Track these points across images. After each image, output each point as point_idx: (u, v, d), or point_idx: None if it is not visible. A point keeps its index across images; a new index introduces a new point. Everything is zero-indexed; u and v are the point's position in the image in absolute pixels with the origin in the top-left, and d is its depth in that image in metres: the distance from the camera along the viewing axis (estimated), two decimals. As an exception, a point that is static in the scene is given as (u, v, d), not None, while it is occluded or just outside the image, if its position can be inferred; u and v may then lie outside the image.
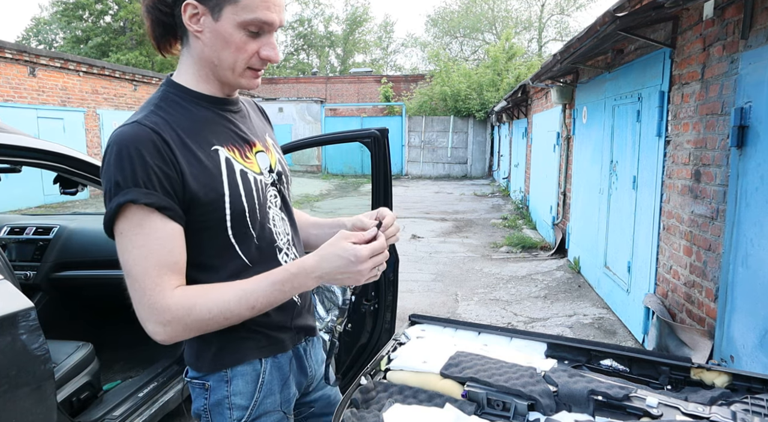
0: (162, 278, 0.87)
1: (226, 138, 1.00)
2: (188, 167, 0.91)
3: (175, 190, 0.89)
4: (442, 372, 1.06)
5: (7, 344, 1.35)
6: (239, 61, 0.94)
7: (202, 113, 0.98)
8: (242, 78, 0.97)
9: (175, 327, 0.88)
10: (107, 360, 2.63)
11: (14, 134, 1.74)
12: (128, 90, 14.37)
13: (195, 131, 0.95)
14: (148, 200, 0.85)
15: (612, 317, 4.35)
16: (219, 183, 0.94)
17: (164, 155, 0.88)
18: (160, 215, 0.87)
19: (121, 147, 0.86)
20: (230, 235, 0.97)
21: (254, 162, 1.03)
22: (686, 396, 1.01)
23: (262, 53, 0.94)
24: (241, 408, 1.02)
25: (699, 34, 3.00)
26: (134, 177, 0.85)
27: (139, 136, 0.87)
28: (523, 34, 31.41)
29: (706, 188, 2.87)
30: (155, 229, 0.87)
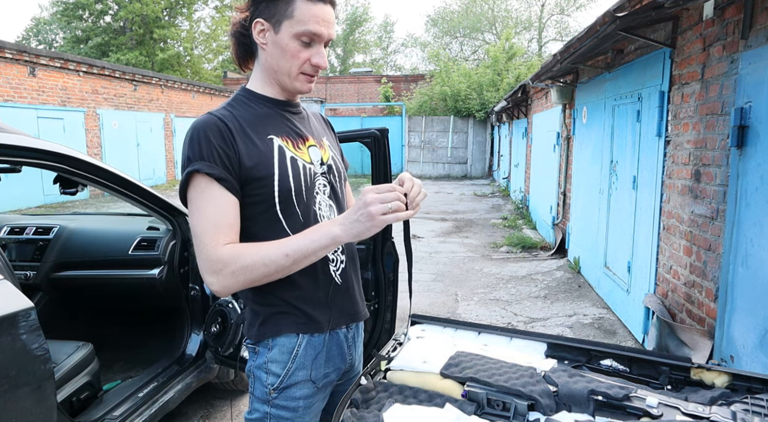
0: (217, 235, 1.04)
1: (282, 131, 1.18)
2: (245, 148, 1.09)
3: (233, 166, 1.07)
4: (442, 372, 1.06)
5: (7, 344, 1.35)
6: (294, 67, 1.13)
7: (263, 110, 1.18)
8: (297, 82, 1.16)
9: (225, 274, 1.03)
10: (107, 360, 2.63)
11: (14, 134, 1.74)
12: (128, 90, 14.37)
13: (255, 123, 1.15)
14: (210, 170, 1.04)
15: (612, 317, 4.35)
16: (270, 164, 1.12)
17: (226, 138, 1.07)
18: (218, 185, 1.05)
19: (194, 130, 1.08)
20: (278, 210, 1.13)
21: (305, 153, 1.20)
22: (686, 396, 1.01)
23: (313, 61, 1.13)
24: (275, 374, 1.17)
25: (699, 34, 3.00)
26: (200, 153, 1.05)
27: (208, 122, 1.08)
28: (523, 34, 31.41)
29: (706, 188, 2.87)
30: (214, 196, 1.06)
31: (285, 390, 1.17)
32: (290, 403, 1.18)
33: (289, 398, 1.18)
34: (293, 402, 1.18)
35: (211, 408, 2.86)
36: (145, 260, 2.64)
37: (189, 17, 27.26)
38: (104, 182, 2.10)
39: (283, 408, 1.18)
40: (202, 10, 38.82)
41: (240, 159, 1.08)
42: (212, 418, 2.78)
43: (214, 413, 2.82)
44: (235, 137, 1.09)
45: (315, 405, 1.23)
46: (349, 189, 1.42)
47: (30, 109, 11.14)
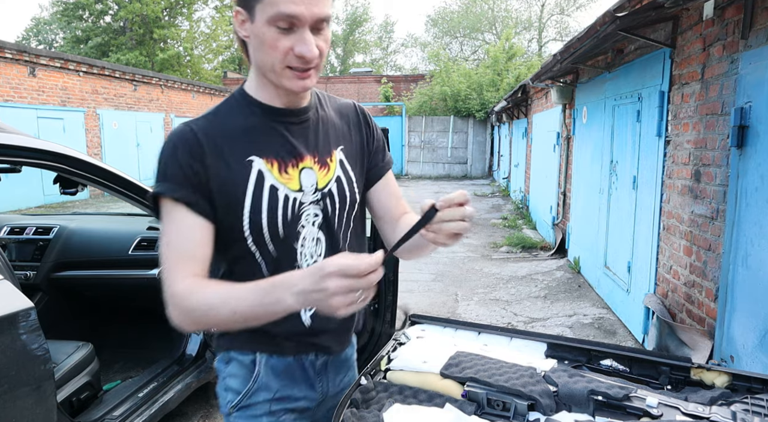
0: (178, 266, 0.91)
1: (269, 149, 0.99)
2: (215, 170, 0.95)
3: (202, 187, 0.94)
4: (442, 372, 1.06)
5: (7, 344, 1.35)
6: (276, 61, 0.91)
7: (252, 120, 1.00)
8: (283, 78, 0.93)
9: (179, 313, 0.90)
10: (107, 360, 2.63)
11: (14, 134, 1.74)
12: (128, 90, 14.37)
13: (236, 138, 0.98)
14: (175, 193, 0.92)
15: (612, 317, 4.35)
16: (241, 192, 0.96)
17: (195, 154, 0.93)
18: (185, 209, 0.92)
19: (164, 144, 0.95)
20: (249, 243, 0.99)
21: (294, 178, 1.00)
22: (686, 396, 1.01)
23: (295, 50, 0.89)
24: (234, 391, 1.06)
25: (699, 34, 3.00)
26: (165, 172, 0.93)
27: (179, 135, 0.95)
28: (523, 34, 31.42)
29: (706, 188, 2.87)
30: (178, 221, 0.93)
31: (244, 410, 1.06)
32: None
33: (248, 416, 1.06)
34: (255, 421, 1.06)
35: (211, 408, 2.86)
36: (145, 260, 2.64)
37: (189, 17, 27.26)
38: (104, 182, 2.10)
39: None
40: (202, 10, 38.86)
41: (209, 182, 0.94)
42: (212, 418, 2.78)
43: (214, 413, 2.82)
44: (205, 155, 0.94)
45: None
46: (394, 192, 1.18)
47: (30, 109, 11.14)
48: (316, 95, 1.10)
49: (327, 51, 0.94)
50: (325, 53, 0.93)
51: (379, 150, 1.17)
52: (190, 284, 0.90)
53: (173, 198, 0.92)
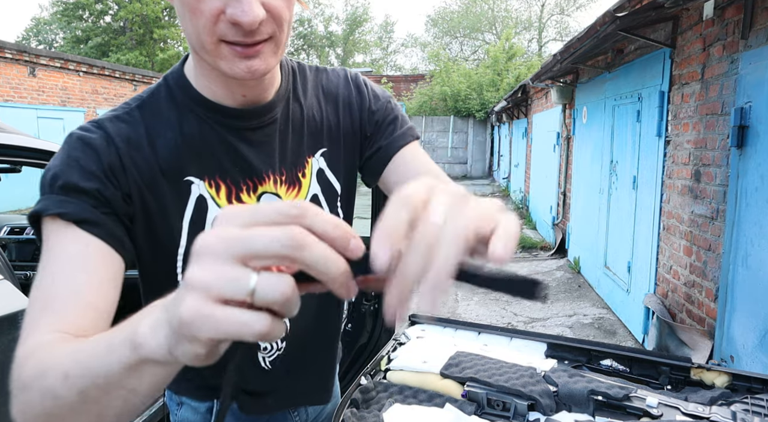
0: (42, 318, 0.58)
1: (214, 168, 0.70)
2: (138, 195, 0.66)
3: (113, 209, 0.63)
4: (442, 372, 1.06)
5: (7, 344, 1.35)
6: (202, 32, 0.59)
7: (191, 125, 0.69)
8: (219, 60, 0.61)
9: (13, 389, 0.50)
10: (107, 360, 2.62)
11: (14, 133, 1.74)
12: (128, 90, 14.38)
13: (168, 150, 0.68)
14: (62, 209, 0.58)
15: (612, 317, 4.35)
16: (176, 228, 0.69)
17: (108, 169, 0.63)
18: (79, 230, 0.59)
19: (63, 147, 0.64)
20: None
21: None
22: (686, 396, 1.01)
23: (228, 12, 0.57)
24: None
25: (699, 34, 3.00)
26: (55, 183, 0.61)
27: (84, 140, 0.64)
28: (523, 34, 31.42)
29: (706, 188, 2.87)
30: (65, 245, 0.58)
31: None
32: None
33: None
34: None
35: (211, 408, 2.86)
36: (145, 260, 2.63)
37: (189, 17, 27.24)
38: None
39: None
40: (202, 10, 38.81)
41: (125, 207, 0.65)
42: (212, 418, 2.78)
43: (214, 413, 2.82)
44: (126, 170, 0.65)
45: None
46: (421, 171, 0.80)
47: (30, 109, 11.14)
48: (290, 76, 0.78)
49: (289, 14, 0.62)
50: (284, 16, 0.60)
51: (385, 123, 0.83)
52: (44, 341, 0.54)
53: (58, 216, 0.58)
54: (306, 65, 0.82)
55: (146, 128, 0.68)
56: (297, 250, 0.31)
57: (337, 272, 0.32)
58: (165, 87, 0.71)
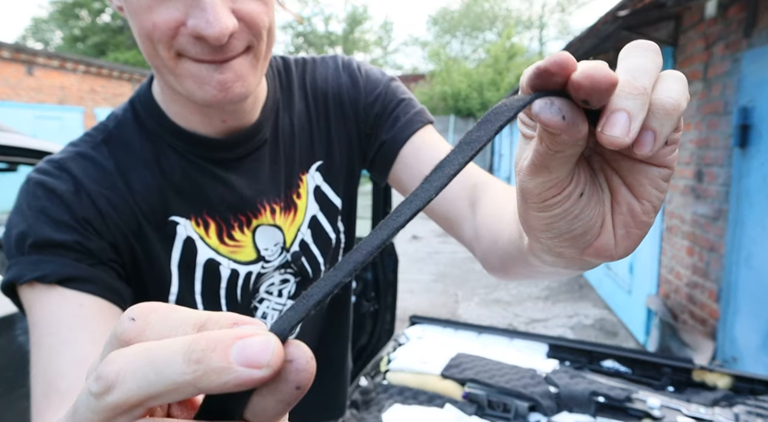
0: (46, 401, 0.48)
1: (200, 205, 0.61)
2: (126, 246, 0.58)
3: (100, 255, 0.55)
4: (442, 373, 1.05)
5: (6, 344, 1.35)
6: (158, 47, 0.50)
7: (167, 161, 0.60)
8: (184, 78, 0.52)
9: None
10: (107, 359, 2.62)
11: (11, 133, 1.73)
12: (126, 89, 14.38)
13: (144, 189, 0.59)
14: (38, 272, 0.51)
15: (613, 318, 4.34)
16: (166, 272, 0.61)
17: (81, 220, 0.55)
18: (61, 291, 0.51)
19: (22, 201, 0.58)
20: None
21: (245, 245, 0.64)
22: (688, 397, 1.00)
23: (189, 23, 0.48)
24: None
25: (701, 33, 2.99)
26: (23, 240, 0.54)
27: (45, 190, 0.57)
28: (524, 33, 31.42)
29: (709, 188, 2.86)
30: (50, 315, 0.51)
31: None
32: None
33: None
34: None
35: (211, 408, 2.86)
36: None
37: (189, 17, 27.29)
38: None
39: None
40: (202, 10, 38.85)
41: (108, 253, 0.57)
42: (212, 418, 2.78)
43: (214, 413, 2.82)
44: (106, 223, 0.57)
45: None
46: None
47: (27, 108, 11.15)
48: (277, 81, 0.68)
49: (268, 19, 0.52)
50: (261, 23, 0.51)
51: (386, 113, 0.70)
52: None
53: (36, 280, 0.51)
54: (291, 60, 0.71)
55: (116, 164, 0.58)
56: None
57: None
58: (132, 115, 0.61)
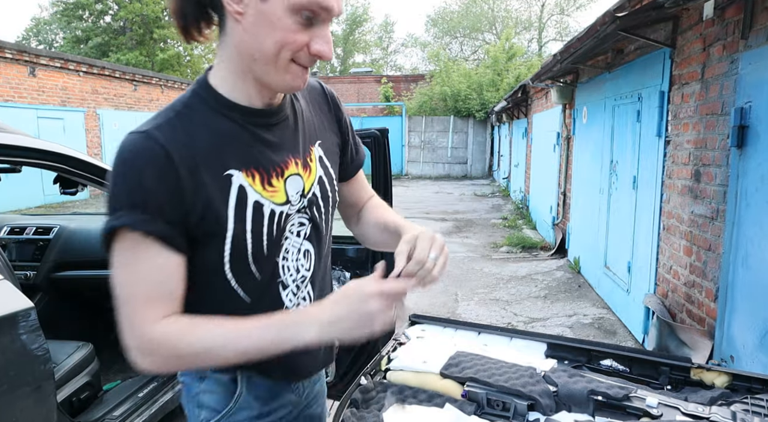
0: (150, 308, 0.78)
1: (248, 159, 0.84)
2: (192, 194, 0.78)
3: (175, 216, 0.78)
4: (442, 372, 1.06)
5: (7, 344, 1.35)
6: (284, 53, 0.76)
7: (226, 126, 0.83)
8: (286, 73, 0.79)
9: (157, 358, 0.79)
10: (107, 360, 2.62)
11: (14, 133, 1.74)
12: (128, 90, 14.38)
13: (211, 149, 0.81)
14: (145, 228, 0.75)
15: (612, 317, 4.35)
16: (223, 215, 0.81)
17: (167, 178, 0.76)
18: (156, 243, 0.76)
19: (122, 160, 0.76)
20: (227, 270, 0.85)
21: (279, 190, 0.87)
22: (686, 396, 1.01)
23: (313, 47, 0.77)
24: (210, 409, 0.94)
25: (699, 34, 3.00)
26: (130, 198, 0.75)
27: (144, 151, 0.76)
28: (523, 34, 31.42)
29: (707, 188, 2.87)
30: (149, 258, 0.77)
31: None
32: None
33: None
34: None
35: (211, 408, 2.86)
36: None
37: (189, 17, 27.23)
38: (104, 182, 2.10)
39: None
40: (202, 10, 38.78)
41: (185, 206, 0.78)
42: (212, 418, 2.78)
43: (214, 413, 2.82)
44: (180, 177, 0.77)
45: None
46: (364, 182, 1.14)
47: (30, 109, 11.14)
48: None
49: None
50: None
51: (352, 139, 1.07)
52: (170, 326, 0.78)
53: (145, 232, 0.75)
54: None
55: (186, 132, 0.80)
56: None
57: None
58: (196, 97, 0.84)
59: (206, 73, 0.86)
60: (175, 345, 0.78)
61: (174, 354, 0.78)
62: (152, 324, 0.77)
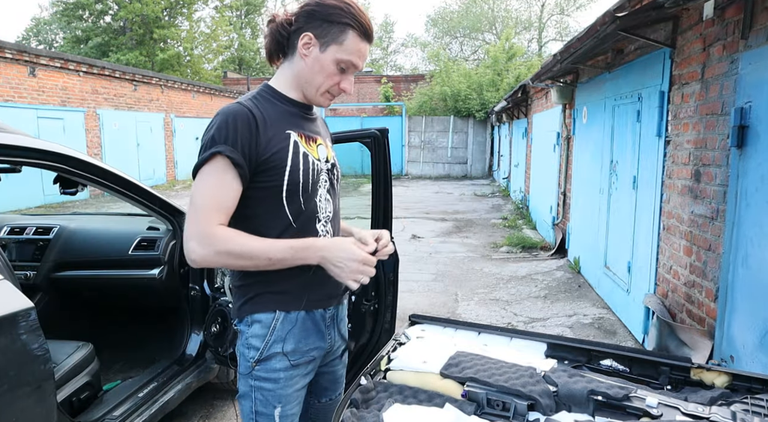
0: (217, 213, 1.16)
1: (298, 128, 1.29)
2: (265, 140, 1.20)
3: (250, 158, 1.18)
4: (442, 372, 1.06)
5: (7, 344, 1.35)
6: (324, 85, 1.25)
7: (284, 108, 1.28)
8: (321, 97, 1.28)
9: (210, 249, 1.14)
10: (107, 360, 2.63)
11: (14, 134, 1.74)
12: (128, 90, 14.37)
13: (276, 118, 1.24)
14: (232, 155, 1.15)
15: (612, 317, 4.35)
16: (285, 156, 1.22)
17: (251, 130, 1.18)
18: (234, 171, 1.16)
19: (225, 116, 1.17)
20: (284, 197, 1.23)
21: (315, 150, 1.31)
22: (686, 396, 1.01)
23: (342, 85, 1.27)
24: (255, 348, 1.26)
25: (699, 34, 3.00)
26: (227, 137, 1.15)
27: (239, 112, 1.18)
28: (523, 34, 31.42)
29: (706, 188, 2.87)
30: (227, 178, 1.16)
31: (264, 362, 1.26)
32: (271, 375, 1.26)
33: (269, 370, 1.26)
34: (274, 374, 1.26)
35: (211, 408, 2.86)
36: (145, 261, 2.63)
37: (189, 17, 27.24)
38: (104, 182, 2.10)
39: (265, 380, 1.26)
40: (202, 10, 38.78)
41: (258, 149, 1.18)
42: (212, 418, 2.78)
43: (214, 413, 2.82)
44: (259, 129, 1.19)
45: (295, 379, 1.29)
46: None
47: (30, 109, 11.14)
48: None
49: None
50: None
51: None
52: (228, 231, 1.16)
53: (230, 158, 1.14)
54: None
55: (264, 108, 1.24)
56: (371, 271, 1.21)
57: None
58: (266, 92, 1.29)
59: (267, 82, 1.32)
60: (229, 241, 1.15)
61: (225, 248, 1.14)
62: (216, 225, 1.15)
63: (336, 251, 1.17)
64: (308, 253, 1.18)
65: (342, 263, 1.16)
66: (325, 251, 1.18)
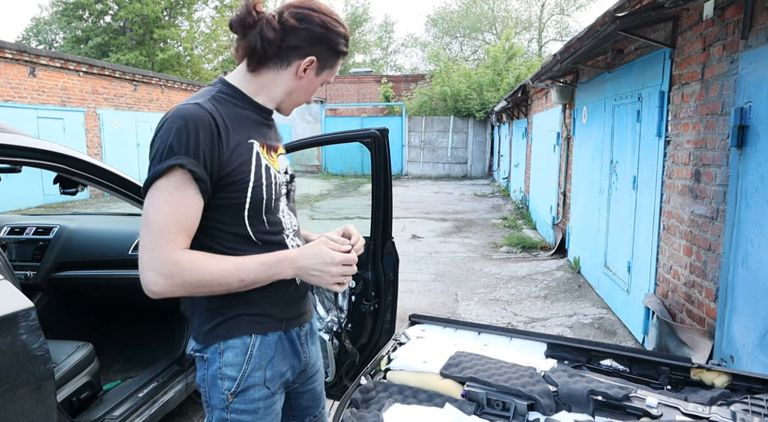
0: (177, 236, 1.01)
1: (260, 136, 1.18)
2: (228, 151, 1.07)
3: (212, 170, 1.05)
4: (442, 372, 1.06)
5: (7, 344, 1.35)
6: (302, 101, 1.23)
7: (247, 113, 1.17)
8: (292, 104, 1.24)
9: (174, 281, 1.01)
10: (107, 360, 2.63)
11: (14, 133, 1.74)
12: (128, 90, 14.37)
13: (239, 124, 1.13)
14: (194, 169, 1.01)
15: (612, 317, 4.35)
16: (248, 170, 1.11)
17: (213, 137, 1.04)
18: (195, 186, 1.02)
19: (184, 120, 1.02)
20: (245, 216, 1.11)
21: (276, 161, 1.21)
22: (686, 396, 1.01)
23: (309, 100, 1.27)
24: (230, 378, 1.14)
25: (699, 34, 3.00)
26: (187, 147, 1.00)
27: (199, 117, 1.03)
28: (523, 34, 31.42)
29: (706, 188, 2.87)
30: (188, 195, 1.02)
31: (242, 394, 1.15)
32: (249, 406, 1.15)
33: (248, 401, 1.15)
34: (253, 404, 1.16)
35: (211, 408, 2.86)
36: (145, 260, 2.63)
37: (189, 17, 27.25)
38: (104, 182, 2.10)
39: (242, 412, 1.16)
40: (202, 10, 38.82)
41: (221, 161, 1.06)
42: (212, 418, 2.78)
43: (214, 413, 2.82)
44: (221, 138, 1.06)
45: (275, 405, 1.20)
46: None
47: (30, 109, 11.13)
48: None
49: None
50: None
51: None
52: (191, 254, 1.03)
53: (190, 171, 1.00)
54: None
55: (225, 110, 1.11)
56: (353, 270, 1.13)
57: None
58: (225, 92, 1.16)
59: (223, 78, 1.19)
60: (195, 270, 1.01)
61: (192, 279, 1.02)
62: (177, 250, 1.01)
63: (311, 259, 1.08)
64: (282, 267, 1.09)
65: (320, 269, 1.08)
66: (300, 260, 1.09)
